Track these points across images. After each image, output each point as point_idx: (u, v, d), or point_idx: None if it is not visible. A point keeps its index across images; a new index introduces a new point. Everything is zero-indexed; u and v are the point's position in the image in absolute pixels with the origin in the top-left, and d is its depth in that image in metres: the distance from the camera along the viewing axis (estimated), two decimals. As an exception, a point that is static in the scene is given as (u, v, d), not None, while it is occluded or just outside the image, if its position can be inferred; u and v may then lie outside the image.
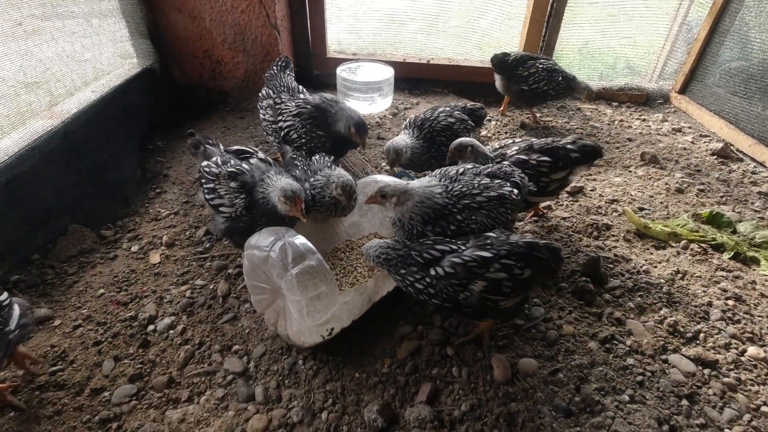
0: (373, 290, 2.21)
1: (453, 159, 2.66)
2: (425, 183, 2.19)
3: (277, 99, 3.09)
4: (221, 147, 2.61)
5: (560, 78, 4.09)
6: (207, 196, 2.40)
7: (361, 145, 2.93)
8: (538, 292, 2.50)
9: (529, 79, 4.06)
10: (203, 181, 2.43)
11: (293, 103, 2.98)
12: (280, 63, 3.38)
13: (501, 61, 4.15)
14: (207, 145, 2.61)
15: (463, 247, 1.93)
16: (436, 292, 1.89)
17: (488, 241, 1.95)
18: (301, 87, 3.27)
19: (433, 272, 1.88)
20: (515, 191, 2.25)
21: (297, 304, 1.95)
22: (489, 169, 2.35)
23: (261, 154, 2.54)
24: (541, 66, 4.06)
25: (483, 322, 2.21)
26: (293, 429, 1.91)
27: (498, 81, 4.32)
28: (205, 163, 2.47)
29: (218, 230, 2.49)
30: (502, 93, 4.42)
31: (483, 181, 2.23)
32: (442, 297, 1.89)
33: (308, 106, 2.94)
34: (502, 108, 4.58)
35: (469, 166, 2.37)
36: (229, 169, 2.33)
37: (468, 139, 2.67)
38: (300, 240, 2.03)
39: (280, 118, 3.01)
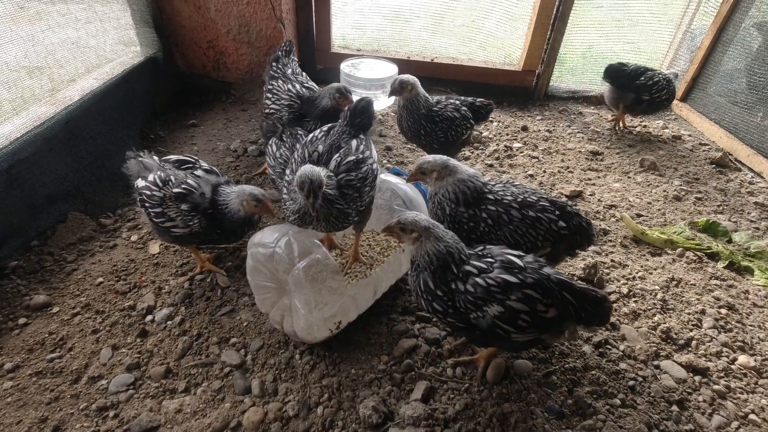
0: (378, 282, 2.23)
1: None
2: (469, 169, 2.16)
3: (269, 84, 3.16)
4: (156, 159, 2.42)
5: (674, 90, 4.19)
6: (155, 220, 2.23)
7: (349, 104, 2.48)
8: (560, 339, 2.23)
9: (653, 88, 4.07)
10: (147, 205, 2.24)
11: (285, 92, 3.05)
12: (284, 47, 3.48)
13: (618, 71, 4.16)
14: (140, 158, 2.38)
15: (490, 268, 1.77)
16: (454, 304, 1.77)
17: (517, 265, 1.77)
18: (303, 73, 3.37)
19: (453, 286, 1.78)
20: (562, 224, 2.12)
21: (305, 297, 1.97)
22: (545, 197, 2.21)
23: (204, 165, 2.39)
24: (662, 76, 4.11)
25: (483, 350, 2.16)
26: (289, 422, 1.93)
27: (608, 92, 4.31)
28: (142, 184, 2.26)
29: (166, 241, 2.51)
30: (609, 104, 4.41)
31: (530, 198, 2.15)
32: (455, 309, 1.78)
33: (296, 100, 3.03)
34: (620, 122, 4.51)
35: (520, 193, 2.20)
36: (175, 191, 2.18)
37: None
38: (304, 235, 2.05)
39: (267, 101, 3.08)
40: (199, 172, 2.30)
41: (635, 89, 4.12)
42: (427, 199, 2.30)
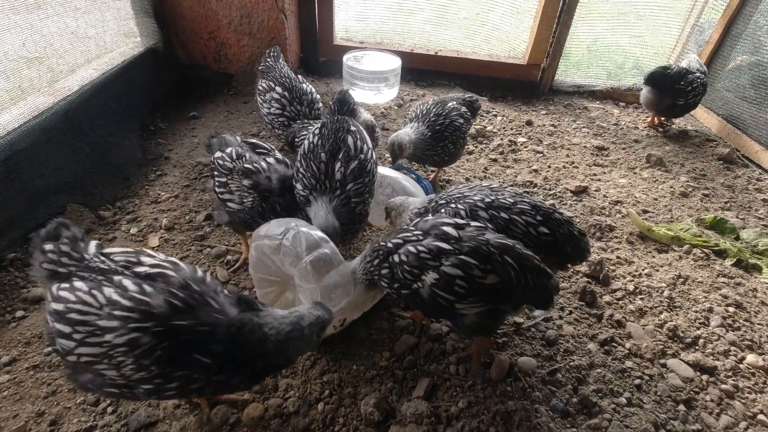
0: None
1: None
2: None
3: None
4: (238, 138, 2.51)
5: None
6: (217, 189, 2.35)
7: None
8: (521, 312, 2.08)
9: (690, 93, 3.98)
10: (215, 173, 2.36)
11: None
12: (272, 54, 3.46)
13: (662, 75, 4.02)
14: (222, 135, 2.51)
15: (421, 237, 1.79)
16: (394, 276, 1.80)
17: (453, 236, 1.74)
18: (299, 75, 3.37)
19: (390, 259, 1.80)
20: (543, 230, 2.00)
21: (311, 292, 1.93)
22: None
23: (278, 154, 2.44)
24: (699, 80, 3.99)
25: (475, 341, 2.11)
26: (289, 419, 1.90)
27: (647, 94, 4.17)
28: (218, 154, 2.38)
29: (223, 220, 2.49)
30: (646, 106, 4.30)
31: (504, 200, 2.07)
32: (399, 282, 1.80)
33: None
34: (650, 120, 4.45)
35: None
36: (245, 166, 2.26)
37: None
38: (313, 229, 2.02)
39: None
40: (270, 159, 2.37)
41: (674, 94, 4.00)
42: (428, 194, 2.28)
